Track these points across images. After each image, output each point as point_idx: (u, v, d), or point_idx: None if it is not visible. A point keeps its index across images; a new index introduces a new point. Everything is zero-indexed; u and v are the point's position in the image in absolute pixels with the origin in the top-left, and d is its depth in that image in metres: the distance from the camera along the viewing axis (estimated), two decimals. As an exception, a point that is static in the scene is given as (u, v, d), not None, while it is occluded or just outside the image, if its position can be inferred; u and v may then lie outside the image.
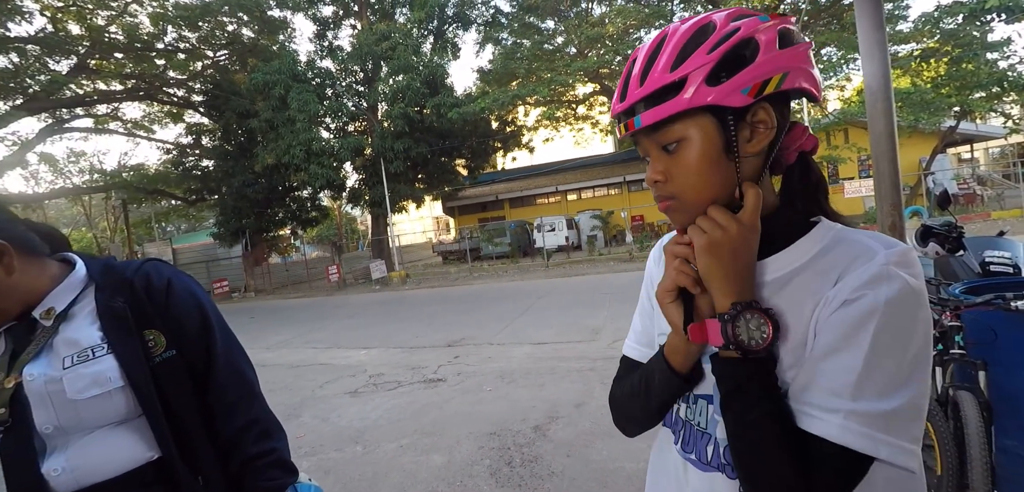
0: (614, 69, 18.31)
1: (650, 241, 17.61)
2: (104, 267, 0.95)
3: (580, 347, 5.66)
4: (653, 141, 0.60)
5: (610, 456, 2.93)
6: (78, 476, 0.84)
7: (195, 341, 0.97)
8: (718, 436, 0.62)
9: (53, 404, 0.84)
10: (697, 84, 0.55)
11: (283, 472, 1.01)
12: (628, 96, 0.60)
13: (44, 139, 19.36)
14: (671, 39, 0.58)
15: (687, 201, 0.60)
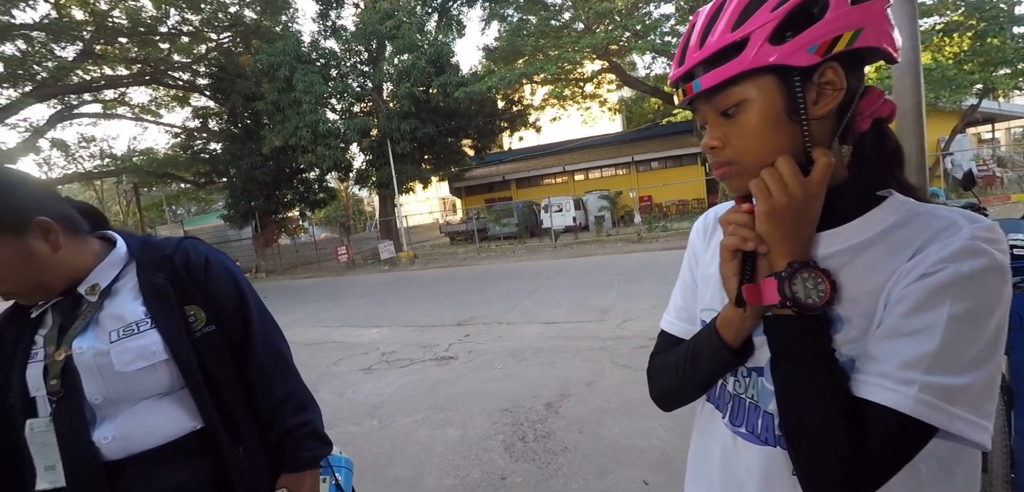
0: (622, 45, 17.94)
1: (658, 222, 17.51)
2: (143, 244, 0.99)
3: (590, 327, 5.70)
4: (712, 106, 0.59)
5: (622, 433, 2.97)
6: (127, 444, 0.88)
7: (233, 317, 1.00)
8: (770, 409, 0.61)
9: (102, 376, 0.88)
10: (759, 44, 0.53)
11: (319, 443, 1.06)
12: (687, 60, 0.59)
13: (54, 125, 19.48)
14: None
15: (746, 165, 0.58)
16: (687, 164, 23.70)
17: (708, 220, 0.78)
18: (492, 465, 2.78)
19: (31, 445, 0.86)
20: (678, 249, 12.10)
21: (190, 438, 0.93)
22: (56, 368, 0.86)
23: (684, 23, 17.55)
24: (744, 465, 0.64)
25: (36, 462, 0.87)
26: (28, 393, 0.87)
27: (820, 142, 0.56)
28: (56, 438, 0.85)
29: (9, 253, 0.82)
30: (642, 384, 3.07)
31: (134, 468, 0.89)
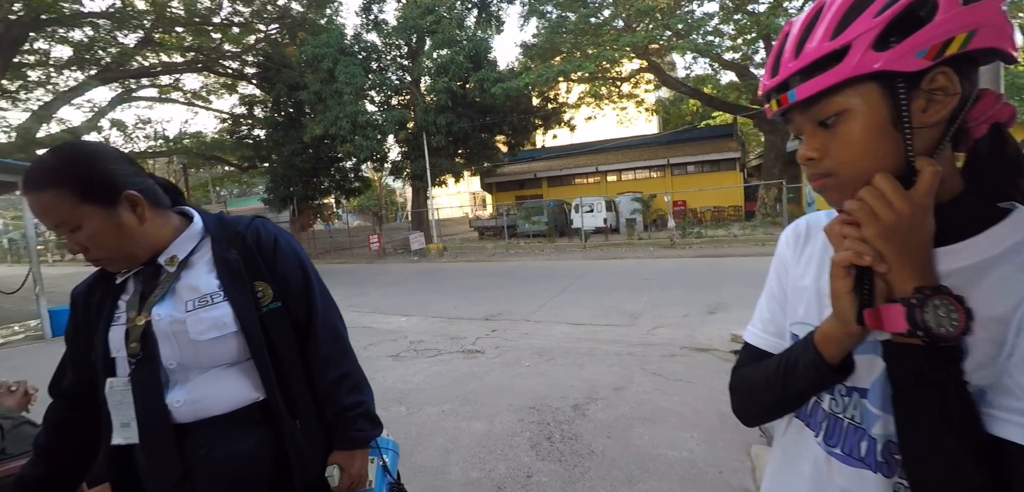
0: (663, 44, 17.55)
1: (692, 228, 17.10)
2: (218, 221, 1.04)
3: (619, 331, 5.62)
4: (808, 117, 0.56)
5: (651, 442, 2.92)
6: (196, 408, 0.94)
7: (298, 296, 1.05)
8: (875, 432, 0.58)
9: (177, 342, 0.93)
10: (862, 50, 0.50)
11: (370, 425, 1.10)
12: (781, 70, 0.56)
13: (115, 107, 20.71)
14: (831, 6, 0.54)
15: (846, 178, 0.55)
16: (725, 169, 23.02)
17: (799, 229, 0.73)
18: (518, 462, 2.78)
19: (109, 401, 0.93)
20: (712, 257, 11.80)
21: (253, 408, 0.97)
22: (136, 332, 0.92)
23: (727, 22, 17.04)
24: (838, 487, 0.61)
25: (113, 418, 0.93)
26: (109, 353, 0.94)
27: (924, 151, 0.52)
28: (132, 397, 0.92)
29: (102, 223, 0.88)
30: (672, 393, 3.03)
31: (201, 432, 0.94)
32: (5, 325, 9.07)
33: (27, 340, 7.70)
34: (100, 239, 0.89)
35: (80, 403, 1.01)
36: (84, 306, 1.00)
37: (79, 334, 1.01)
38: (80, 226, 0.87)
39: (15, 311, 10.28)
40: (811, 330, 0.61)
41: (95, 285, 1.01)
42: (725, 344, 4.77)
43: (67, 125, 18.96)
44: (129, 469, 0.98)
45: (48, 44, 17.18)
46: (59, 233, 0.88)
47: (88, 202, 0.86)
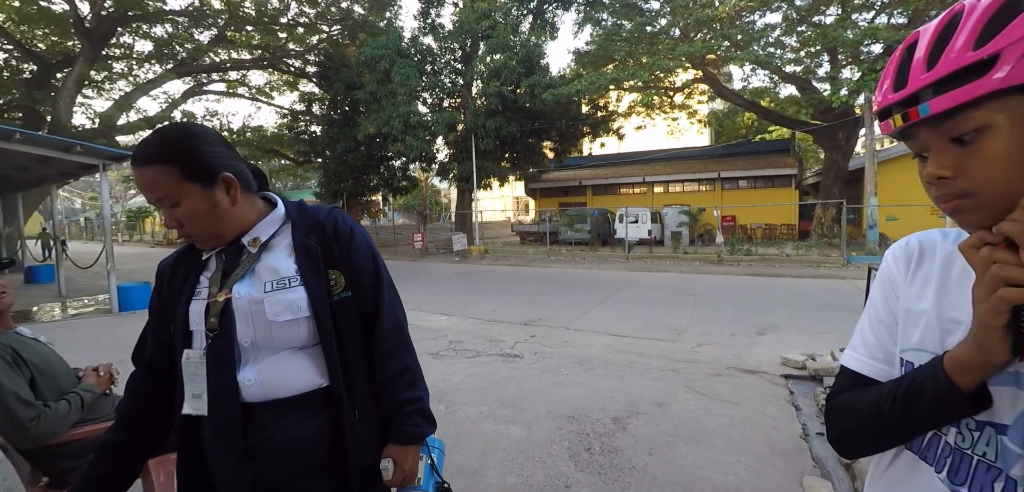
0: (720, 55, 17.01)
1: (742, 245, 16.42)
2: (298, 208, 1.07)
3: (661, 346, 5.46)
4: (939, 132, 0.52)
5: (695, 463, 2.81)
6: (265, 389, 0.96)
7: (367, 288, 1.07)
8: (1015, 473, 0.53)
9: (253, 321, 0.96)
10: (1013, 61, 0.46)
11: (425, 421, 1.10)
12: (911, 82, 0.53)
13: (186, 99, 22.28)
14: (973, 13, 0.50)
15: (989, 198, 0.50)
16: (780, 186, 22.00)
17: (911, 248, 0.68)
18: (556, 471, 2.75)
19: (184, 372, 0.97)
20: (762, 276, 11.28)
21: (317, 394, 0.99)
22: (216, 308, 0.95)
23: (790, 33, 16.32)
24: None
25: (186, 388, 0.97)
26: (188, 326, 0.98)
27: None
28: (206, 370, 0.95)
29: (199, 201, 0.93)
30: (717, 413, 2.91)
31: (267, 412, 0.96)
32: (77, 298, 9.76)
33: (97, 313, 8.21)
34: (195, 216, 0.93)
35: (159, 374, 1.05)
36: (169, 279, 1.04)
37: (162, 306, 1.05)
38: (179, 202, 0.92)
39: (87, 285, 11.23)
40: (936, 356, 0.56)
41: (181, 260, 1.05)
42: (775, 367, 4.54)
43: (143, 114, 20.57)
44: (197, 441, 1.01)
45: (132, 39, 18.69)
46: (160, 207, 0.94)
47: (189, 180, 0.91)
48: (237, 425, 0.94)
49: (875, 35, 13.85)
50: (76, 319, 7.74)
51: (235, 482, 0.96)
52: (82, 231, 46.41)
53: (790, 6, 16.02)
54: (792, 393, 3.92)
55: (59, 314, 8.22)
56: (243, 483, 0.96)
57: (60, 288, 10.33)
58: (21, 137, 7.21)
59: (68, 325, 7.40)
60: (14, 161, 8.06)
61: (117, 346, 5.85)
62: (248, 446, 0.95)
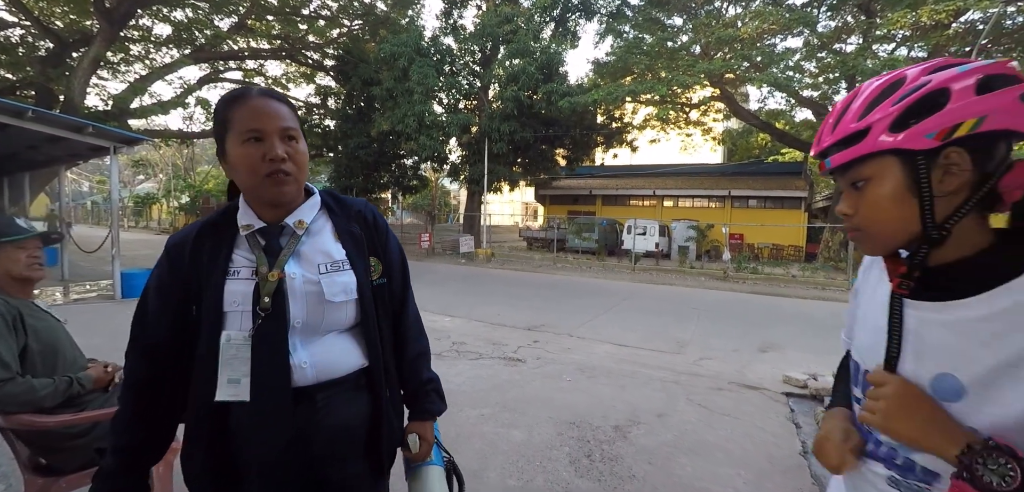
0: (739, 74, 17.00)
1: (748, 263, 16.35)
2: (334, 197, 1.11)
3: (664, 357, 5.47)
4: (845, 179, 0.69)
5: (695, 474, 2.82)
6: (317, 372, 0.96)
7: (397, 277, 1.14)
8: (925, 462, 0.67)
9: (307, 302, 0.96)
10: (880, 132, 0.62)
11: (440, 400, 1.21)
12: (822, 141, 0.70)
13: (202, 86, 22.48)
14: (862, 93, 0.67)
15: (870, 233, 0.68)
16: (789, 207, 21.88)
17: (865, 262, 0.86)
18: (556, 476, 2.77)
19: (222, 355, 0.91)
20: (767, 295, 11.23)
21: (359, 374, 1.02)
22: (269, 287, 0.92)
23: (810, 59, 16.32)
24: None
25: (220, 373, 0.91)
26: (221, 307, 0.93)
27: (947, 214, 0.62)
28: (250, 354, 0.91)
29: (304, 150, 1.01)
30: (718, 426, 2.95)
31: (320, 394, 0.97)
32: (80, 282, 9.57)
33: (99, 298, 8.04)
34: (302, 161, 0.98)
35: (164, 360, 0.96)
36: (192, 255, 0.96)
37: (177, 285, 0.96)
38: (298, 140, 0.98)
39: (90, 270, 11.16)
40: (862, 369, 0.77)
41: (203, 237, 0.98)
42: (776, 384, 4.54)
43: (157, 98, 20.72)
44: (225, 429, 0.94)
45: (152, 21, 18.88)
46: (282, 136, 0.94)
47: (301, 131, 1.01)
48: (288, 408, 0.92)
49: (894, 67, 13.69)
50: (77, 304, 7.65)
51: (281, 468, 0.92)
52: (88, 215, 46.80)
53: (812, 32, 16.01)
54: (793, 411, 3.92)
55: (61, 298, 8.09)
56: (291, 469, 0.93)
57: (63, 271, 10.09)
58: (33, 115, 7.09)
59: (68, 309, 7.32)
60: (24, 139, 7.94)
61: (116, 333, 5.87)
62: (300, 430, 0.93)
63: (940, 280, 0.65)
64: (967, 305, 0.61)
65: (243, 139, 0.92)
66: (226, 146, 0.95)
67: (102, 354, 2.17)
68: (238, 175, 0.95)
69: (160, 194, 41.20)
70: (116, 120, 16.63)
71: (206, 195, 32.99)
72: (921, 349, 0.65)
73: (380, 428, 1.04)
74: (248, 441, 0.93)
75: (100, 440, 1.87)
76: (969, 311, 0.61)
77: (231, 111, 0.94)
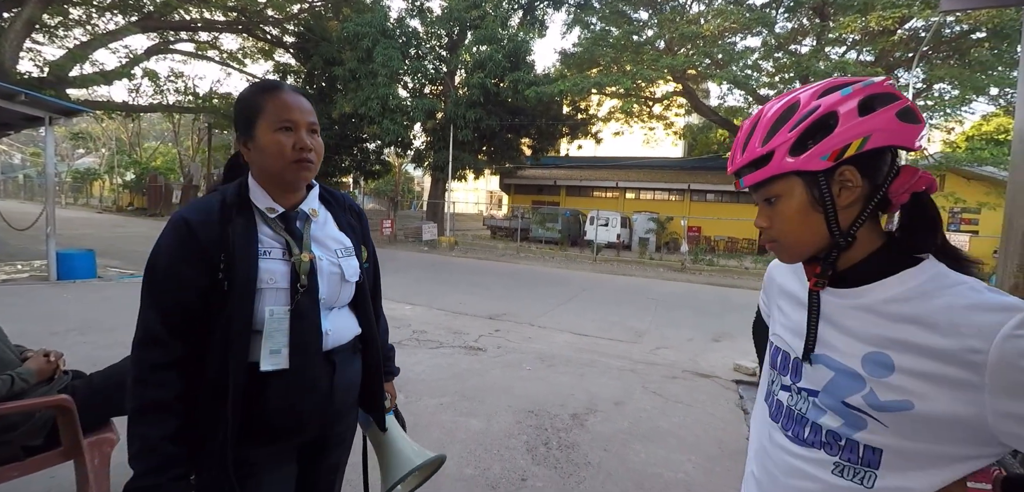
0: (701, 71, 17.46)
1: (705, 255, 16.95)
2: (329, 192, 1.24)
3: (622, 346, 5.59)
4: (758, 195, 0.74)
5: (648, 461, 2.89)
6: (334, 338, 1.12)
7: (373, 263, 1.33)
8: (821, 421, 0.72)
9: (329, 281, 1.11)
10: (782, 156, 0.68)
11: (395, 365, 1.49)
12: (734, 162, 0.76)
13: (150, 57, 21.07)
14: (763, 117, 0.72)
15: (786, 244, 0.73)
16: (744, 201, 22.75)
17: (770, 269, 0.96)
18: (513, 464, 2.78)
19: (267, 328, 1.01)
20: (721, 286, 11.69)
21: (356, 340, 1.20)
22: (305, 266, 1.06)
23: (768, 58, 16.93)
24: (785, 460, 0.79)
25: (264, 344, 1.01)
26: (255, 284, 1.00)
27: (850, 223, 0.69)
28: (289, 325, 1.03)
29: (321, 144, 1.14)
30: (672, 414, 3.03)
31: (337, 356, 1.13)
32: (10, 262, 8.92)
33: (32, 279, 7.53)
34: (320, 153, 1.10)
35: (183, 342, 0.98)
36: (219, 234, 1.00)
37: (204, 258, 0.98)
38: (318, 133, 1.10)
39: (21, 249, 10.31)
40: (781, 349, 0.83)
41: (223, 215, 1.02)
42: (727, 372, 4.74)
43: (100, 67, 19.30)
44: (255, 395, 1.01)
45: (94, -17, 17.50)
46: (309, 129, 1.06)
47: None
48: (325, 370, 1.10)
49: (844, 69, 14.51)
50: (7, 285, 7.11)
51: (311, 423, 1.10)
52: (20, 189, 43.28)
53: (770, 32, 16.62)
54: (742, 397, 4.10)
55: None
56: (315, 422, 1.11)
57: None
58: None
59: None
60: None
61: (53, 316, 5.48)
62: (331, 387, 1.11)
63: (849, 276, 0.71)
64: (875, 289, 0.68)
65: (276, 127, 1.03)
66: (255, 130, 1.03)
67: (38, 340, 2.02)
68: (265, 158, 1.03)
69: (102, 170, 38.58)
70: (53, 89, 15.36)
71: (154, 173, 31.15)
72: (846, 332, 0.70)
73: (377, 382, 1.24)
74: (284, 403, 1.04)
75: (29, 436, 1.77)
76: (878, 293, 0.67)
77: (265, 99, 1.04)
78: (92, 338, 4.68)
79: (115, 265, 9.29)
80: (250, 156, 1.07)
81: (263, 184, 1.07)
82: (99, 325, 5.18)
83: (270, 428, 1.05)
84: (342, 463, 1.27)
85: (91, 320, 5.37)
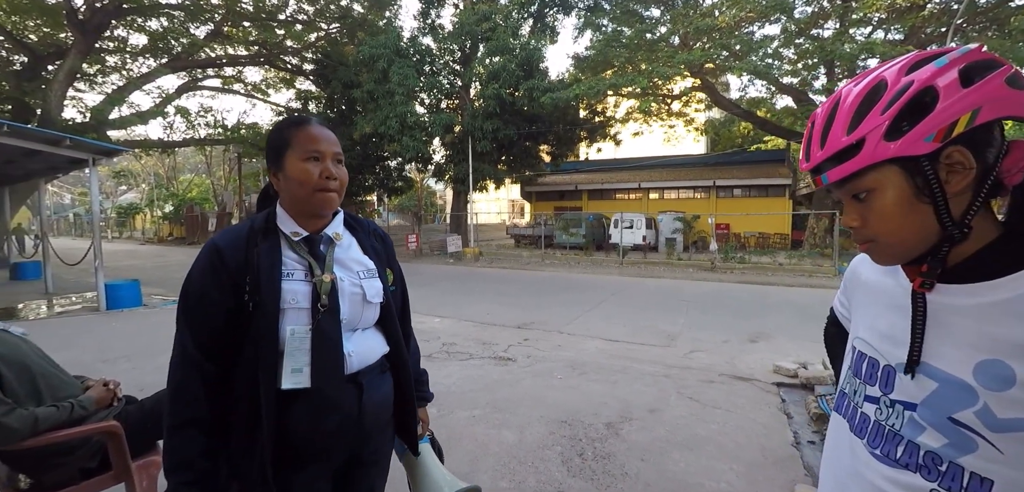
0: (719, 64, 17.09)
1: (735, 253, 16.50)
2: (354, 218, 1.27)
3: (655, 351, 5.46)
4: (844, 192, 0.66)
5: (688, 469, 2.80)
6: (359, 359, 1.13)
7: (400, 285, 1.35)
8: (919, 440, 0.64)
9: (351, 302, 1.12)
10: (875, 142, 0.59)
11: (428, 391, 1.45)
12: (812, 157, 0.67)
13: (181, 94, 22.05)
14: (844, 103, 0.63)
15: (888, 244, 0.64)
16: (773, 195, 22.14)
17: (854, 266, 0.85)
18: (549, 476, 2.73)
19: (288, 347, 1.03)
20: (755, 284, 11.34)
21: (383, 360, 1.21)
22: (327, 287, 1.08)
23: (789, 46, 16.46)
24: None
25: (285, 363, 1.02)
26: (279, 304, 1.03)
27: (961, 212, 0.60)
28: (310, 345, 1.04)
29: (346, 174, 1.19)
30: (710, 420, 2.93)
31: (364, 377, 1.14)
32: (64, 295, 9.52)
33: (84, 311, 8.01)
34: (345, 181, 1.15)
35: (225, 352, 1.04)
36: (247, 255, 1.06)
37: (231, 282, 1.04)
38: (342, 163, 1.15)
39: (74, 282, 11.01)
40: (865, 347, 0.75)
41: (250, 240, 1.08)
42: (767, 375, 4.55)
43: (136, 108, 20.29)
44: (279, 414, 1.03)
45: (127, 32, 18.48)
46: (334, 159, 1.11)
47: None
48: (351, 391, 1.10)
49: (872, 50, 13.98)
50: (62, 317, 7.58)
51: (339, 444, 1.10)
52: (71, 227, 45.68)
53: (789, 19, 16.14)
54: (784, 401, 3.92)
55: (45, 311, 8.04)
56: (344, 443, 1.11)
57: (47, 285, 10.13)
58: (8, 130, 7.07)
59: (53, 323, 7.25)
60: (1, 154, 7.91)
61: (103, 344, 5.76)
62: (352, 409, 1.10)
63: (960, 273, 0.62)
64: (997, 286, 0.58)
65: (304, 157, 1.08)
66: (284, 161, 1.09)
67: (91, 368, 2.12)
68: (293, 186, 1.09)
69: (143, 204, 40.45)
70: (94, 132, 16.28)
71: (190, 204, 32.51)
72: (956, 336, 0.61)
73: (409, 401, 1.24)
74: (309, 423, 1.05)
75: (85, 459, 1.88)
76: (1001, 292, 0.58)
77: (293, 132, 1.10)
78: (140, 364, 4.88)
79: (159, 293, 9.73)
80: (280, 185, 1.13)
81: (290, 211, 1.13)
82: (146, 350, 5.41)
83: (296, 449, 1.06)
84: (377, 487, 1.26)
85: (139, 346, 5.62)
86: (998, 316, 0.58)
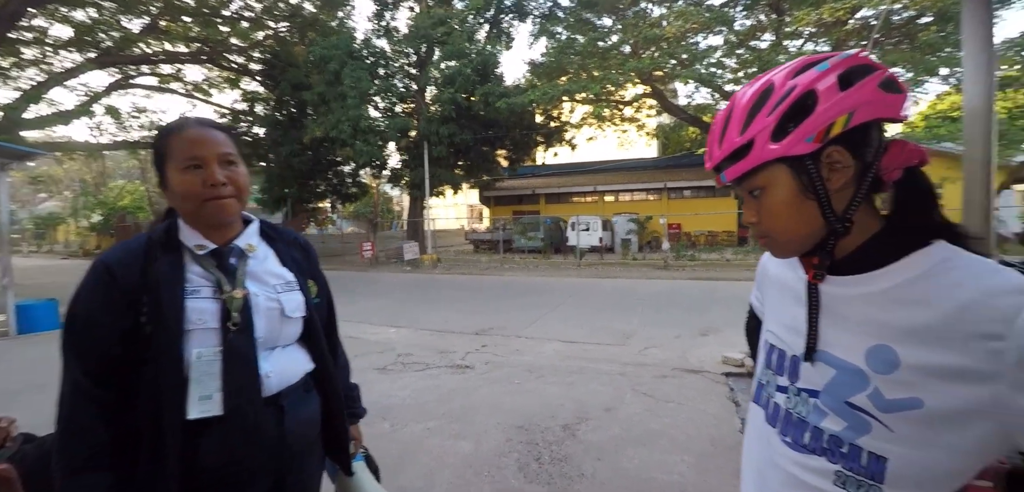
0: (667, 71, 17.78)
1: (686, 251, 17.15)
2: (271, 226, 1.19)
3: (611, 350, 5.56)
4: (742, 189, 0.70)
5: (642, 465, 2.84)
6: (279, 379, 1.04)
7: (325, 296, 1.27)
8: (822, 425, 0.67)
9: (268, 317, 1.03)
10: (763, 143, 0.63)
11: (360, 405, 1.39)
12: (713, 157, 0.71)
13: (110, 93, 20.44)
14: (738, 106, 0.67)
15: (779, 240, 0.69)
16: (721, 195, 23.14)
17: (763, 261, 0.89)
18: (505, 484, 2.69)
19: (194, 372, 0.92)
20: (705, 280, 11.82)
21: (308, 378, 1.12)
22: (237, 304, 0.98)
23: (730, 55, 17.33)
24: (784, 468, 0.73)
25: (191, 390, 0.92)
26: (181, 326, 0.93)
27: (844, 207, 0.64)
28: (221, 368, 0.94)
29: (245, 176, 1.06)
30: (663, 414, 2.98)
31: (284, 399, 1.05)
32: None
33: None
34: (242, 182, 1.03)
35: (121, 380, 0.92)
36: (143, 272, 0.94)
37: (124, 301, 0.92)
38: (237, 165, 1.02)
39: None
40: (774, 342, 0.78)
41: (148, 255, 0.96)
42: (716, 366, 4.74)
43: (58, 108, 18.65)
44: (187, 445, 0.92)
45: (48, 22, 16.94)
46: (220, 161, 0.99)
47: (241, 157, 1.05)
48: (271, 414, 1.00)
49: (805, 60, 14.99)
50: None
51: (259, 473, 1.00)
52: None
53: (730, 31, 17.05)
54: (732, 390, 4.10)
55: None
56: (266, 472, 1.01)
57: None
58: None
59: None
60: None
61: (12, 372, 5.18)
62: (274, 434, 1.01)
63: (847, 265, 0.67)
64: (879, 276, 0.63)
65: (183, 167, 0.97)
66: (167, 175, 0.99)
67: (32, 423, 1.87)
68: (179, 201, 0.99)
69: (66, 214, 37.27)
70: (7, 133, 14.77)
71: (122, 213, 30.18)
72: (848, 324, 0.65)
73: (338, 419, 1.17)
74: (223, 453, 0.95)
75: None
76: (882, 281, 0.62)
77: (169, 140, 0.99)
78: (53, 394, 4.41)
79: (82, 312, 8.88)
80: (169, 199, 1.02)
81: (191, 224, 1.02)
82: (63, 378, 4.91)
83: (209, 482, 0.95)
84: None
85: (53, 375, 5.08)
86: (882, 304, 0.62)
